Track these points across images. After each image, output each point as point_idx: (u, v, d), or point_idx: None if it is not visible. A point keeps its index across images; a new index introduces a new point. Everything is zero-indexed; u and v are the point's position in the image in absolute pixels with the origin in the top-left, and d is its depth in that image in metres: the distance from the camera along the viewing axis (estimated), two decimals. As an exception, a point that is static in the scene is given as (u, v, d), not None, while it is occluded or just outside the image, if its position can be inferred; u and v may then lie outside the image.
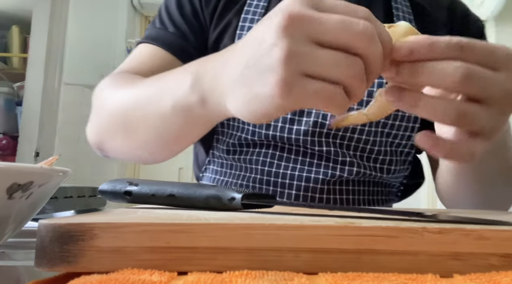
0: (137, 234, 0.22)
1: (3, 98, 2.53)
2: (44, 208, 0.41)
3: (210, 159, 0.70)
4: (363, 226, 0.22)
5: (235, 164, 0.66)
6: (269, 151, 0.63)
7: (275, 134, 0.61)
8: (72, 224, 0.22)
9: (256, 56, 0.31)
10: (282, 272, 0.21)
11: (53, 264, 0.22)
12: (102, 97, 0.58)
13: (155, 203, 0.36)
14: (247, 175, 0.64)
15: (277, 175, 0.62)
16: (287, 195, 0.62)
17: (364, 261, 0.22)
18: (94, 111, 0.59)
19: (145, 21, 2.77)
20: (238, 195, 0.32)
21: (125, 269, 0.21)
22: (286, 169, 0.62)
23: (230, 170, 0.67)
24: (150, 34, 0.67)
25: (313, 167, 0.62)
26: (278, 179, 0.62)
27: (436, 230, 0.22)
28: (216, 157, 0.69)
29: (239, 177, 0.65)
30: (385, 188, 0.68)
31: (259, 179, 0.63)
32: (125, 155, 0.58)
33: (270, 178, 0.62)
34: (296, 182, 0.61)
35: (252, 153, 0.64)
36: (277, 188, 0.62)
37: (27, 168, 0.28)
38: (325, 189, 0.62)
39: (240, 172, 0.66)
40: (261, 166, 0.63)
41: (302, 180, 0.61)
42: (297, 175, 0.61)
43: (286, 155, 0.63)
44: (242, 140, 0.64)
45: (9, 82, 2.62)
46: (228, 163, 0.67)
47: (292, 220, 0.24)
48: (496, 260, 0.22)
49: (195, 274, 0.21)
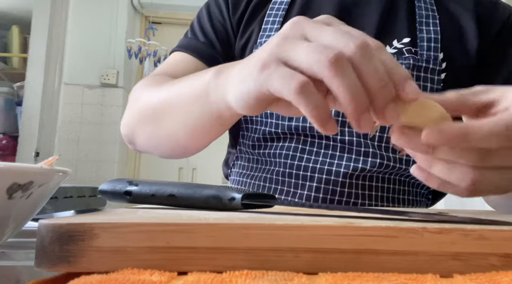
0: (137, 234, 0.22)
1: (3, 98, 2.53)
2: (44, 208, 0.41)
3: (237, 155, 0.73)
4: (363, 226, 0.22)
5: (260, 159, 0.68)
6: (292, 145, 0.64)
7: (298, 124, 0.62)
8: (72, 224, 0.22)
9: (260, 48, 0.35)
10: (282, 272, 0.21)
11: (53, 264, 0.22)
12: (136, 94, 0.63)
13: (155, 203, 0.36)
14: (271, 168, 0.66)
15: (299, 168, 0.63)
16: (308, 188, 0.62)
17: (364, 261, 0.22)
18: (128, 106, 0.63)
19: (145, 21, 2.77)
20: (238, 195, 0.32)
21: (125, 269, 0.21)
22: (308, 162, 0.63)
23: (256, 165, 0.69)
24: (182, 43, 0.72)
25: (335, 159, 0.62)
26: (299, 171, 0.63)
27: (436, 230, 0.22)
28: (243, 153, 0.71)
29: (264, 171, 0.67)
30: (412, 188, 0.66)
31: (282, 172, 0.64)
32: (154, 146, 0.60)
33: (292, 171, 0.63)
34: (317, 175, 0.61)
35: (275, 147, 0.65)
36: (298, 180, 0.62)
37: (27, 168, 0.28)
38: (346, 183, 0.61)
39: (265, 166, 0.67)
40: (283, 159, 0.64)
41: (323, 173, 0.61)
42: (319, 168, 0.62)
43: (309, 148, 0.63)
44: (266, 134, 0.66)
45: (9, 82, 2.62)
46: (254, 158, 0.69)
47: (292, 220, 0.24)
48: (496, 260, 0.22)
49: (195, 274, 0.21)
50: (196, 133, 0.51)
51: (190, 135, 0.52)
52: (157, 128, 0.57)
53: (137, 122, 0.60)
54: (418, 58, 0.63)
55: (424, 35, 0.65)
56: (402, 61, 0.62)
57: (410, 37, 0.65)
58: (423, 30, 0.65)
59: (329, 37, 0.30)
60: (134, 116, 0.61)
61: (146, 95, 0.60)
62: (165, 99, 0.55)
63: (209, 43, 0.71)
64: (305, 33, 0.32)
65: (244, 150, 0.71)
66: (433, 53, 0.64)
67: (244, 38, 0.70)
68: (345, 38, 0.30)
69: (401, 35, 0.65)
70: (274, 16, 0.69)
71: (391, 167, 0.62)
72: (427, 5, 0.67)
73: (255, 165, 0.70)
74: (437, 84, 0.64)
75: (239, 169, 0.72)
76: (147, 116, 0.58)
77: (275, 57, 0.32)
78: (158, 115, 0.56)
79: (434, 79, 0.63)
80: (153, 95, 0.58)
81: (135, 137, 0.62)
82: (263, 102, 0.35)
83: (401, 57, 0.63)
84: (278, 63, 0.32)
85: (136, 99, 0.62)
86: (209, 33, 0.71)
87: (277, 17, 0.69)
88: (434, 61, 0.63)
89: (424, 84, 0.63)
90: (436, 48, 0.64)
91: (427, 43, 0.64)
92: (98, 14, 2.53)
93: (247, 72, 0.35)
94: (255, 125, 0.68)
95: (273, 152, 0.66)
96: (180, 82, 0.54)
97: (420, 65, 0.63)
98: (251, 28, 0.70)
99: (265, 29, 0.68)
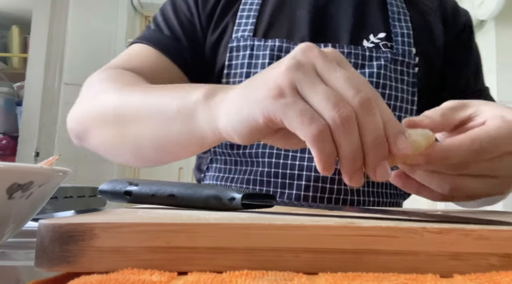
0: (137, 234, 0.22)
1: (3, 98, 2.53)
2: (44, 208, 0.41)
3: (212, 158, 0.69)
4: (363, 226, 0.22)
5: (240, 160, 0.65)
6: None
7: None
8: (72, 224, 0.22)
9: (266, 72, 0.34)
10: (282, 272, 0.21)
11: (53, 264, 0.22)
12: (94, 89, 0.57)
13: (155, 203, 0.36)
14: (253, 169, 0.63)
15: (285, 167, 0.61)
16: (297, 187, 0.60)
17: (364, 261, 0.22)
18: (84, 99, 0.57)
19: (145, 21, 2.77)
20: (238, 195, 0.32)
21: (125, 269, 0.21)
22: (294, 160, 0.60)
23: (235, 166, 0.66)
24: (144, 35, 0.67)
25: None
26: (286, 170, 0.61)
27: (436, 230, 0.22)
28: (219, 155, 0.67)
29: (245, 173, 0.64)
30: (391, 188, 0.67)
31: (267, 173, 0.61)
32: (112, 150, 0.55)
33: (278, 170, 0.61)
34: (306, 173, 0.60)
35: (257, 146, 0.62)
36: (285, 180, 0.60)
37: (27, 168, 0.28)
38: (336, 179, 0.60)
39: (246, 167, 0.64)
40: (268, 158, 0.61)
41: (312, 170, 0.60)
42: (306, 165, 0.60)
43: None
44: None
45: (9, 82, 2.62)
46: (232, 159, 0.66)
47: (292, 220, 0.24)
48: (496, 260, 0.22)
49: (195, 274, 0.21)
50: (167, 149, 0.47)
51: (159, 149, 0.48)
52: (120, 134, 0.51)
53: (94, 121, 0.54)
54: (395, 52, 0.65)
55: (398, 31, 0.67)
56: (381, 55, 0.64)
57: (385, 32, 0.67)
58: (397, 25, 0.68)
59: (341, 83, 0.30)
60: (91, 114, 0.55)
61: (108, 94, 0.54)
62: (137, 104, 0.49)
63: (174, 37, 0.66)
64: (316, 67, 0.31)
65: (220, 152, 0.67)
66: (407, 48, 0.66)
67: (216, 33, 0.67)
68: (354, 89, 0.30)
69: (377, 30, 0.67)
70: (248, 10, 0.67)
71: None
72: (397, 2, 0.70)
73: (233, 167, 0.66)
74: (412, 77, 0.66)
75: (214, 173, 0.69)
76: (108, 118, 0.52)
77: (292, 86, 0.31)
78: (123, 120, 0.50)
79: (410, 72, 0.66)
80: (120, 95, 0.52)
81: (88, 136, 0.56)
82: (265, 131, 0.34)
83: (379, 51, 0.65)
84: (296, 95, 0.30)
85: (94, 94, 0.56)
86: (175, 27, 0.67)
87: (251, 12, 0.67)
88: (409, 55, 0.66)
89: (401, 77, 0.65)
90: (410, 43, 0.67)
91: (401, 38, 0.67)
92: (98, 14, 2.52)
93: (254, 96, 0.33)
94: None
95: (255, 151, 0.63)
96: (156, 90, 0.49)
97: (397, 59, 0.65)
98: (224, 23, 0.67)
99: (239, 23, 0.66)
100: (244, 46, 0.65)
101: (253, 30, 0.66)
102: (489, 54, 2.08)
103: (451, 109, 0.37)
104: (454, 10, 0.74)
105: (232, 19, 0.67)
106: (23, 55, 2.64)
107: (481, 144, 0.33)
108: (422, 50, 0.68)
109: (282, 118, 0.31)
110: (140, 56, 0.64)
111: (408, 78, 0.66)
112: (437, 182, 0.36)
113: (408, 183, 0.38)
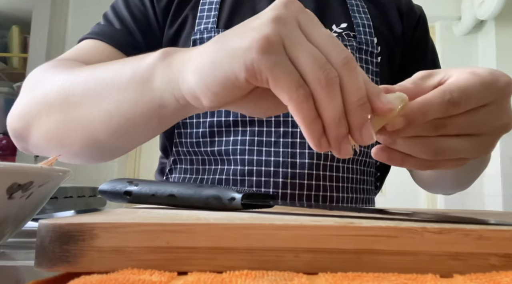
0: (137, 234, 0.22)
1: (3, 98, 2.53)
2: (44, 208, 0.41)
3: (175, 158, 0.65)
4: (363, 226, 0.22)
5: (208, 158, 0.61)
6: (247, 138, 0.58)
7: None
8: (72, 224, 0.22)
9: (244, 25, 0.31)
10: (282, 272, 0.21)
11: (53, 264, 0.22)
12: (38, 78, 0.50)
13: (155, 203, 0.36)
14: (225, 168, 0.60)
15: (260, 163, 0.58)
16: (273, 185, 0.57)
17: (364, 261, 0.22)
18: (24, 92, 0.50)
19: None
20: (238, 195, 0.32)
21: (125, 269, 0.21)
22: (269, 156, 0.58)
23: (202, 166, 0.62)
24: (95, 30, 0.64)
25: (296, 148, 0.58)
26: (261, 167, 0.57)
27: (436, 230, 0.22)
28: (182, 154, 0.63)
29: (216, 172, 0.60)
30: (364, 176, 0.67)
31: (240, 171, 0.58)
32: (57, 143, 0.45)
33: (252, 168, 0.58)
34: (282, 169, 0.57)
35: (227, 143, 0.59)
36: (261, 177, 0.58)
37: (27, 168, 0.28)
38: (313, 175, 0.58)
39: (216, 166, 0.60)
40: (240, 155, 0.58)
41: (288, 166, 0.57)
42: (282, 161, 0.57)
43: (266, 139, 0.58)
44: (214, 126, 0.59)
45: (9, 82, 2.62)
46: (199, 158, 0.62)
47: (292, 220, 0.24)
48: (496, 260, 0.22)
49: (195, 274, 0.21)
50: (125, 128, 0.40)
51: (115, 130, 0.40)
52: (65, 118, 0.43)
53: (36, 111, 0.46)
54: (359, 41, 0.66)
55: (359, 21, 0.68)
56: (347, 43, 0.65)
57: (346, 23, 0.68)
58: (357, 16, 0.69)
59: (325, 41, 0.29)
60: (32, 105, 0.47)
61: (52, 78, 0.46)
62: (82, 82, 0.42)
63: (126, 31, 0.63)
64: (300, 22, 0.30)
65: (185, 151, 0.62)
66: (369, 38, 0.68)
67: (174, 26, 0.66)
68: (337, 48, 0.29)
69: (338, 21, 0.68)
70: (209, 3, 0.66)
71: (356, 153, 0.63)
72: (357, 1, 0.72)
73: (201, 167, 0.62)
74: (376, 66, 0.67)
75: (179, 174, 0.64)
76: (51, 103, 0.44)
77: (280, 41, 0.28)
78: (69, 103, 0.42)
79: (374, 61, 0.67)
80: (62, 78, 0.45)
81: (30, 132, 0.48)
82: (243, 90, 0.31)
83: (344, 40, 0.66)
84: (283, 54, 0.28)
85: (37, 82, 0.49)
86: (127, 21, 0.64)
87: (212, 4, 0.66)
88: (371, 45, 0.67)
89: (366, 66, 0.66)
90: (371, 33, 0.68)
91: (363, 28, 0.68)
92: (98, 14, 2.52)
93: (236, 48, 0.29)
94: (198, 117, 0.60)
95: (225, 148, 0.59)
96: (104, 65, 0.43)
97: (361, 47, 0.66)
98: (183, 16, 0.66)
99: (201, 16, 0.65)
100: (208, 38, 0.63)
101: (216, 22, 0.64)
102: (489, 54, 2.08)
103: (421, 78, 0.37)
104: (408, 4, 0.77)
105: (192, 11, 0.66)
106: (23, 55, 2.64)
107: (452, 94, 0.33)
108: (382, 39, 0.69)
109: (268, 76, 0.28)
110: (90, 51, 0.60)
111: (372, 67, 0.67)
112: (419, 148, 0.35)
113: (392, 155, 0.37)
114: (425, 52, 0.75)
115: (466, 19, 2.29)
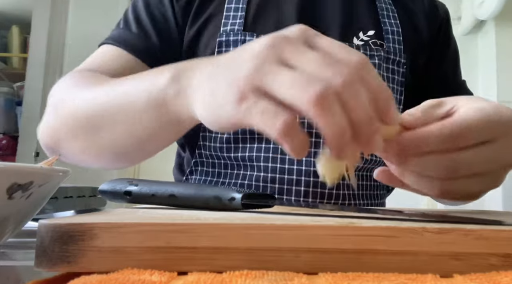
0: (137, 234, 0.22)
1: (3, 98, 2.53)
2: (44, 208, 0.41)
3: (196, 161, 0.65)
4: (363, 226, 0.22)
5: (231, 163, 0.61)
6: (270, 146, 0.58)
7: None
8: (72, 224, 0.22)
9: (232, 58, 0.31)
10: (282, 272, 0.21)
11: (53, 264, 0.22)
12: (61, 96, 0.54)
13: (155, 203, 0.36)
14: (247, 173, 0.60)
15: (283, 171, 0.58)
16: (295, 193, 0.58)
17: (364, 261, 0.22)
18: (50, 110, 0.54)
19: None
20: (238, 195, 0.32)
21: (125, 269, 0.21)
22: (292, 164, 0.58)
23: (225, 170, 0.62)
24: (113, 35, 0.64)
25: None
26: (284, 175, 0.58)
27: (436, 230, 0.22)
28: (205, 157, 0.64)
29: (238, 177, 0.61)
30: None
31: (263, 177, 0.58)
32: (91, 159, 0.53)
33: (275, 175, 0.58)
34: (305, 178, 0.57)
35: (251, 149, 0.59)
36: (283, 185, 0.58)
37: (27, 168, 0.28)
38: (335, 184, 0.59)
39: (238, 171, 0.61)
40: (263, 162, 0.58)
41: (311, 175, 0.57)
42: (305, 170, 0.58)
43: None
44: (239, 134, 0.59)
45: (9, 82, 2.62)
46: (221, 162, 0.62)
47: (292, 220, 0.24)
48: (496, 260, 0.22)
49: (195, 274, 0.21)
50: (147, 143, 0.45)
51: (138, 145, 0.46)
52: (95, 140, 0.48)
53: (66, 131, 0.51)
54: (387, 50, 0.64)
55: (389, 28, 0.66)
56: (374, 53, 0.63)
57: (374, 30, 0.66)
58: (386, 23, 0.67)
59: (312, 65, 0.27)
60: (62, 124, 0.52)
61: (76, 97, 0.51)
62: (104, 105, 0.46)
63: (143, 35, 0.63)
64: (285, 58, 0.28)
65: (208, 154, 0.62)
66: (398, 46, 0.66)
67: (196, 25, 0.64)
68: (331, 67, 0.26)
69: (366, 28, 0.66)
70: (236, 2, 0.64)
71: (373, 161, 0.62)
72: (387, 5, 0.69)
73: (223, 170, 0.62)
74: (402, 76, 0.66)
75: (200, 176, 0.65)
76: (80, 126, 0.49)
77: (253, 87, 0.28)
78: (95, 125, 0.47)
79: (400, 71, 0.66)
80: (86, 99, 0.49)
81: (63, 148, 0.52)
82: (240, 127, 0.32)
83: (371, 49, 0.64)
84: (258, 95, 0.27)
85: (61, 102, 0.53)
86: (145, 23, 0.63)
87: (239, 4, 0.64)
88: (399, 54, 0.65)
89: (392, 76, 0.65)
90: (400, 41, 0.66)
91: (392, 35, 0.66)
92: (98, 14, 2.52)
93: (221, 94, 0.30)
94: None
95: (249, 155, 0.59)
96: (121, 84, 0.46)
97: (389, 57, 0.64)
98: (206, 15, 0.64)
99: (227, 16, 0.63)
100: (234, 41, 0.62)
101: (243, 23, 0.63)
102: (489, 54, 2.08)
103: (431, 107, 0.37)
104: (433, 5, 0.74)
105: (217, 11, 0.64)
106: (23, 55, 2.64)
107: (452, 128, 0.33)
108: (408, 48, 0.67)
109: (249, 122, 0.28)
110: (108, 58, 0.61)
111: (398, 77, 0.65)
112: (426, 185, 0.36)
113: (393, 178, 0.37)
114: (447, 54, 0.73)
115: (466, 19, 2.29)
